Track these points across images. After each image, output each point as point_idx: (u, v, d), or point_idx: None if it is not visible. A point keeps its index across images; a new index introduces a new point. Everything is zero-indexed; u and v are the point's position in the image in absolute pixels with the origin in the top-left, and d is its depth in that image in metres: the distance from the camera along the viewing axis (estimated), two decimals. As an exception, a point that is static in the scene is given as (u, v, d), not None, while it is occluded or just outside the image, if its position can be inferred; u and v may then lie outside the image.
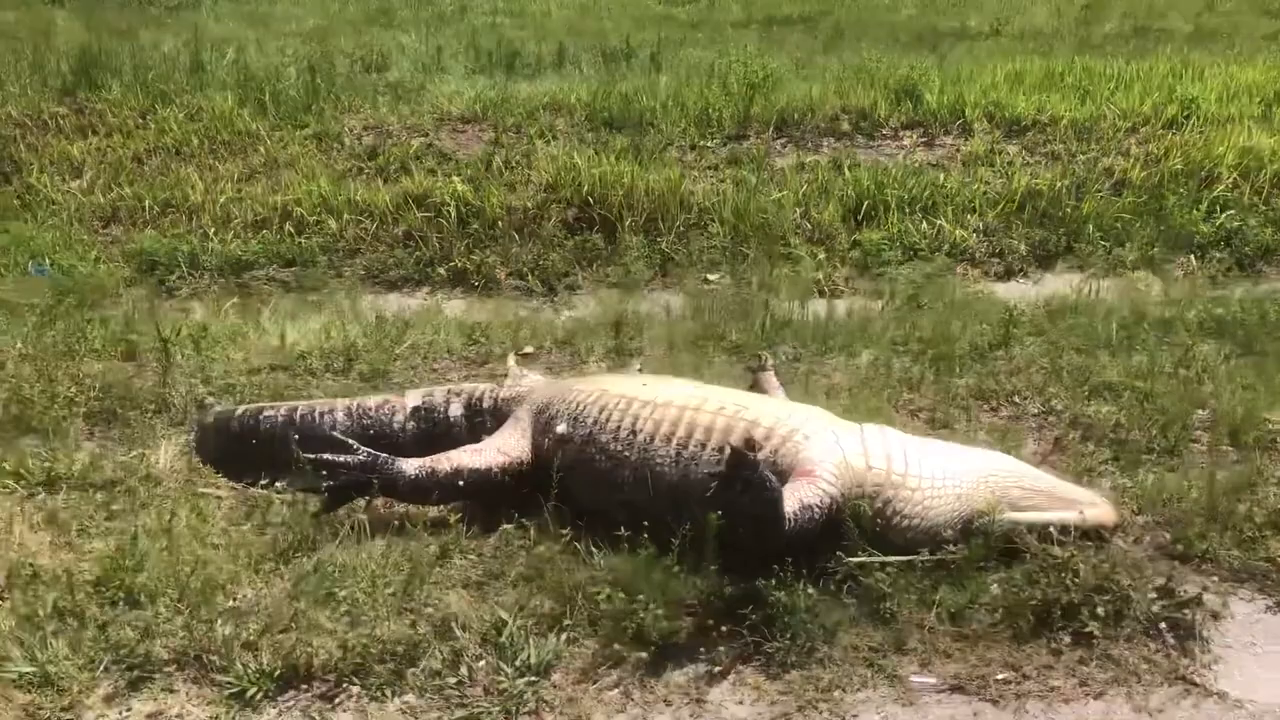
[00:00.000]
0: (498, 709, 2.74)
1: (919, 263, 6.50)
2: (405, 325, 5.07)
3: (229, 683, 2.79)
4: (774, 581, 2.92)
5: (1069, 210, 6.91)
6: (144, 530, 3.26)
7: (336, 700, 2.80)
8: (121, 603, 3.02)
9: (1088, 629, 2.91)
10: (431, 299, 6.29)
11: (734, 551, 2.99)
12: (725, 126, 8.10)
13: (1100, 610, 2.91)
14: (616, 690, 2.84)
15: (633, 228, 6.75)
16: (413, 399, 4.02)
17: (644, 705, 2.80)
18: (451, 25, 13.61)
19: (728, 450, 2.84)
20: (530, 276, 6.45)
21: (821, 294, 6.21)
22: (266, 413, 4.03)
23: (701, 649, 2.95)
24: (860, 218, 6.93)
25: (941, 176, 7.28)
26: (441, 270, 6.51)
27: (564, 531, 3.34)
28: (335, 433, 3.76)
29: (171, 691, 2.79)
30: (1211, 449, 3.74)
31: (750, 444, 2.85)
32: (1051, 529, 3.15)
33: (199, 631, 2.92)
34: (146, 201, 7.25)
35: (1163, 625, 2.91)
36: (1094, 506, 3.26)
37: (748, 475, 2.75)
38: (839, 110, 8.28)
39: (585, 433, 3.51)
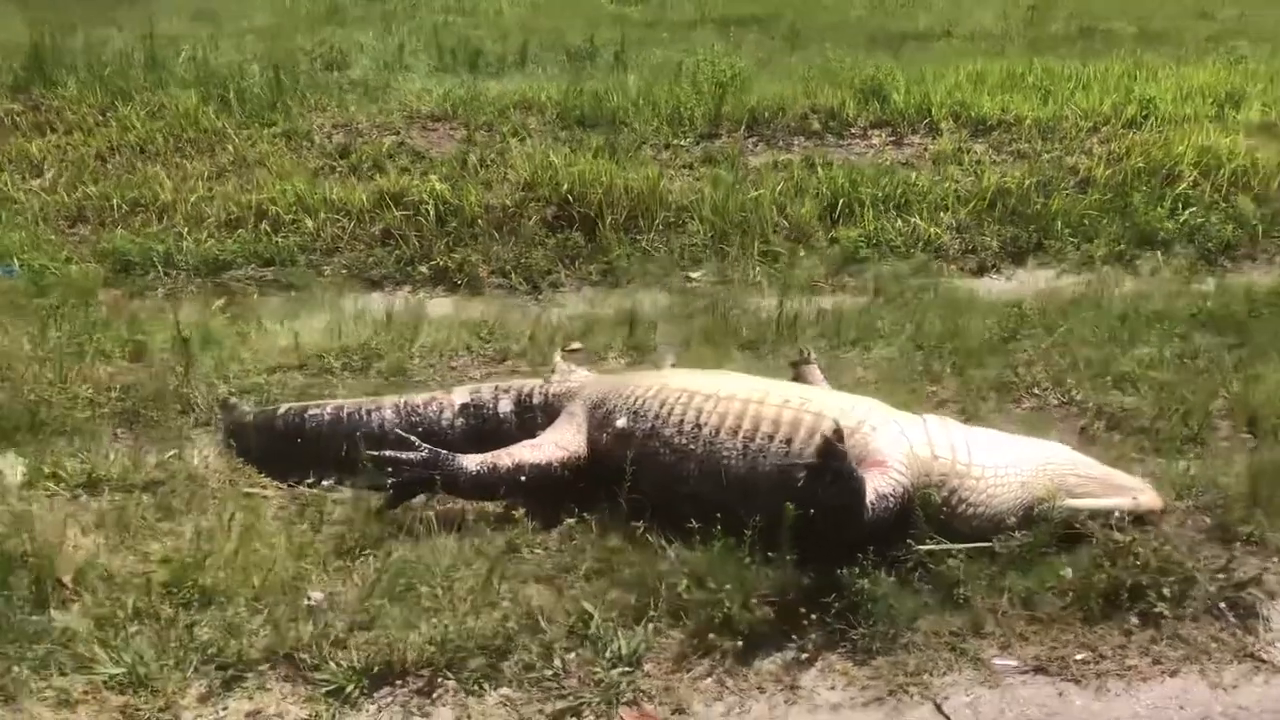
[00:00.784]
0: (597, 699, 2.78)
1: (895, 260, 6.63)
2: (417, 324, 5.03)
3: (324, 680, 2.79)
4: (855, 570, 2.99)
5: (1038, 208, 7.07)
6: (203, 531, 3.22)
7: (433, 695, 2.82)
8: (196, 603, 2.99)
9: (1156, 609, 3.03)
10: (414, 297, 6.25)
11: (809, 542, 3.04)
12: (697, 125, 8.16)
13: (1166, 591, 3.02)
14: (710, 679, 2.89)
15: (613, 226, 6.77)
16: (460, 396, 4.02)
17: (739, 693, 2.86)
18: (404, 23, 13.50)
19: (819, 441, 2.89)
20: (513, 275, 6.44)
21: (803, 291, 6.29)
22: (311, 411, 4.01)
23: (787, 637, 3.02)
24: (836, 216, 7.02)
25: (913, 175, 7.41)
26: (423, 269, 6.47)
27: (636, 524, 3.36)
28: (384, 431, 3.76)
29: (265, 690, 2.78)
30: (1233, 436, 3.89)
31: (840, 435, 2.90)
32: (1107, 514, 3.25)
33: (285, 630, 2.91)
34: (114, 200, 7.10)
35: (1223, 605, 3.03)
36: (1144, 492, 3.39)
37: (837, 466, 2.81)
38: (808, 110, 8.38)
39: (647, 427, 3.54)
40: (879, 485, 3.08)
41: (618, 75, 9.42)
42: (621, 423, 3.59)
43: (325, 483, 3.79)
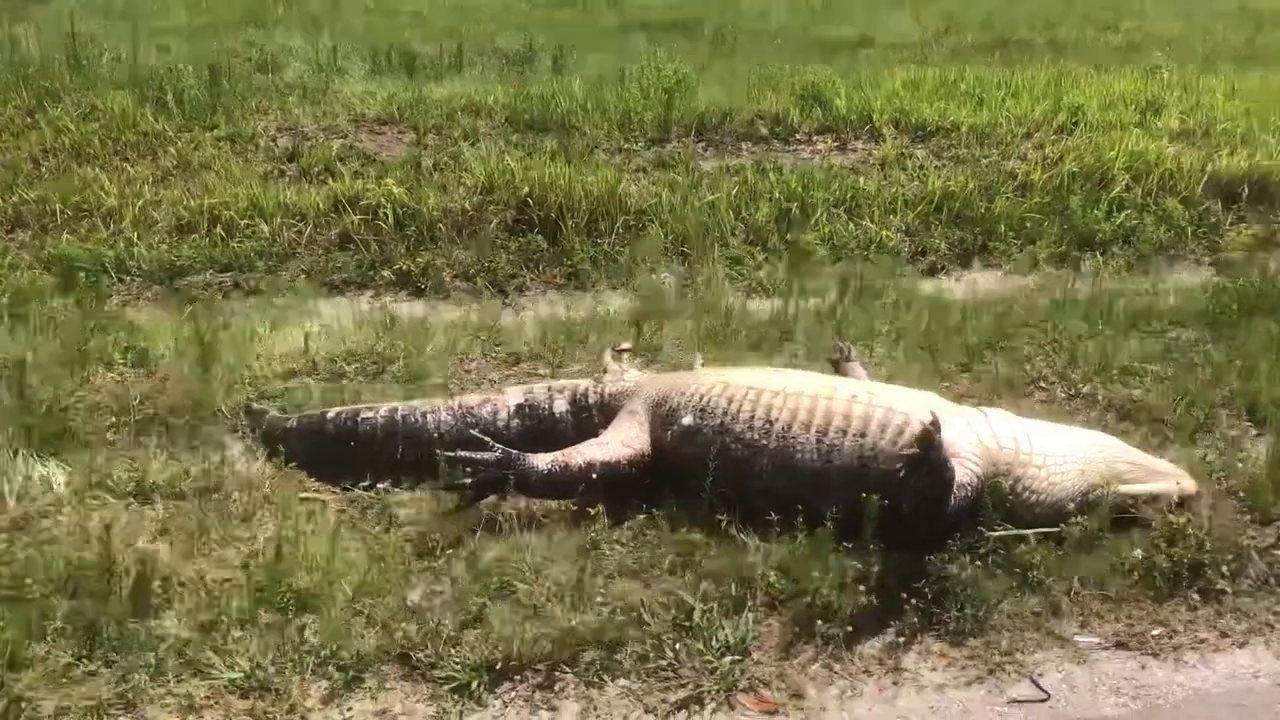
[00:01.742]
0: (715, 687, 2.86)
1: (851, 262, 6.80)
2: (419, 329, 4.99)
3: (442, 678, 2.79)
4: (944, 556, 3.09)
5: (982, 211, 7.32)
6: (275, 535, 3.17)
7: (555, 688, 2.89)
8: (292, 607, 2.95)
9: (1217, 586, 3.23)
10: (378, 302, 6.20)
11: (889, 531, 3.17)
12: (648, 130, 8.24)
13: (1224, 569, 3.23)
14: (816, 664, 3.00)
15: (575, 229, 6.81)
16: (514, 397, 4.04)
17: (848, 676, 2.99)
18: (326, 25, 13.32)
19: (917, 431, 2.99)
20: (478, 278, 6.43)
21: (767, 294, 6.42)
22: (364, 414, 3.99)
23: (883, 622, 3.14)
24: (791, 219, 7.17)
25: (860, 180, 7.60)
26: (385, 273, 6.42)
27: (709, 519, 3.42)
28: (440, 432, 3.78)
29: (387, 689, 2.80)
30: (1236, 424, 4.12)
31: (937, 425, 3.01)
32: (1155, 498, 3.44)
33: (393, 630, 2.91)
34: (55, 205, 6.89)
35: (1272, 580, 3.21)
36: (1182, 478, 3.58)
37: (934, 456, 2.91)
38: (754, 115, 8.53)
39: (716, 423, 3.61)
40: (958, 475, 3.20)
41: (563, 79, 9.44)
42: (687, 420, 3.65)
43: (380, 485, 3.79)
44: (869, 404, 3.52)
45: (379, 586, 3.12)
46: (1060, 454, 3.48)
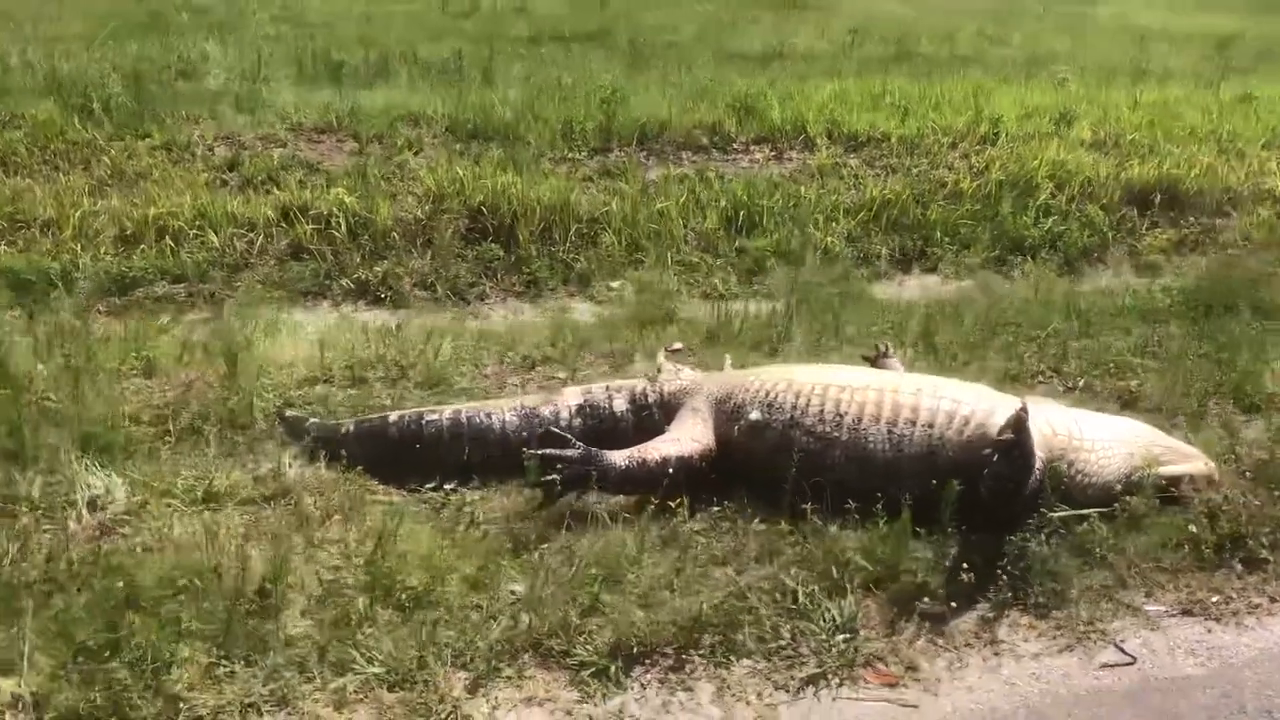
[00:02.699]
0: (836, 663, 2.99)
1: (801, 267, 6.99)
2: (428, 336, 4.97)
3: (580, 663, 2.87)
4: (1023, 536, 3.30)
5: (918, 218, 7.61)
6: (368, 535, 3.17)
7: (686, 669, 2.99)
8: (406, 603, 2.95)
9: (1260, 555, 3.51)
10: (337, 311, 6.15)
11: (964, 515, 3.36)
12: (590, 140, 8.32)
13: (1264, 540, 3.50)
14: (921, 640, 3.16)
15: (530, 238, 6.85)
16: (573, 397, 4.11)
17: (953, 649, 3.17)
18: (233, 33, 13.07)
19: (1011, 419, 3.16)
20: (438, 287, 6.43)
21: (722, 298, 6.56)
22: (429, 417, 4.02)
23: (973, 599, 3.32)
24: (739, 227, 7.34)
25: (801, 188, 7.81)
26: (343, 283, 6.37)
27: (805, 507, 3.55)
28: (505, 433, 3.87)
29: (526, 677, 2.87)
30: (1224, 411, 4.42)
31: (1026, 413, 3.17)
32: (1189, 479, 3.70)
33: (519, 621, 3.02)
34: (-14, 216, 6.65)
35: None
36: (1206, 459, 3.83)
37: (1024, 441, 3.08)
38: (692, 125, 8.69)
39: (785, 418, 3.74)
40: None
41: (498, 89, 9.46)
42: (755, 415, 3.77)
43: (448, 486, 3.83)
44: (935, 397, 3.70)
45: (484, 581, 3.19)
46: (1107, 439, 3.71)
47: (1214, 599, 3.42)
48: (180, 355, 4.25)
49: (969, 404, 3.68)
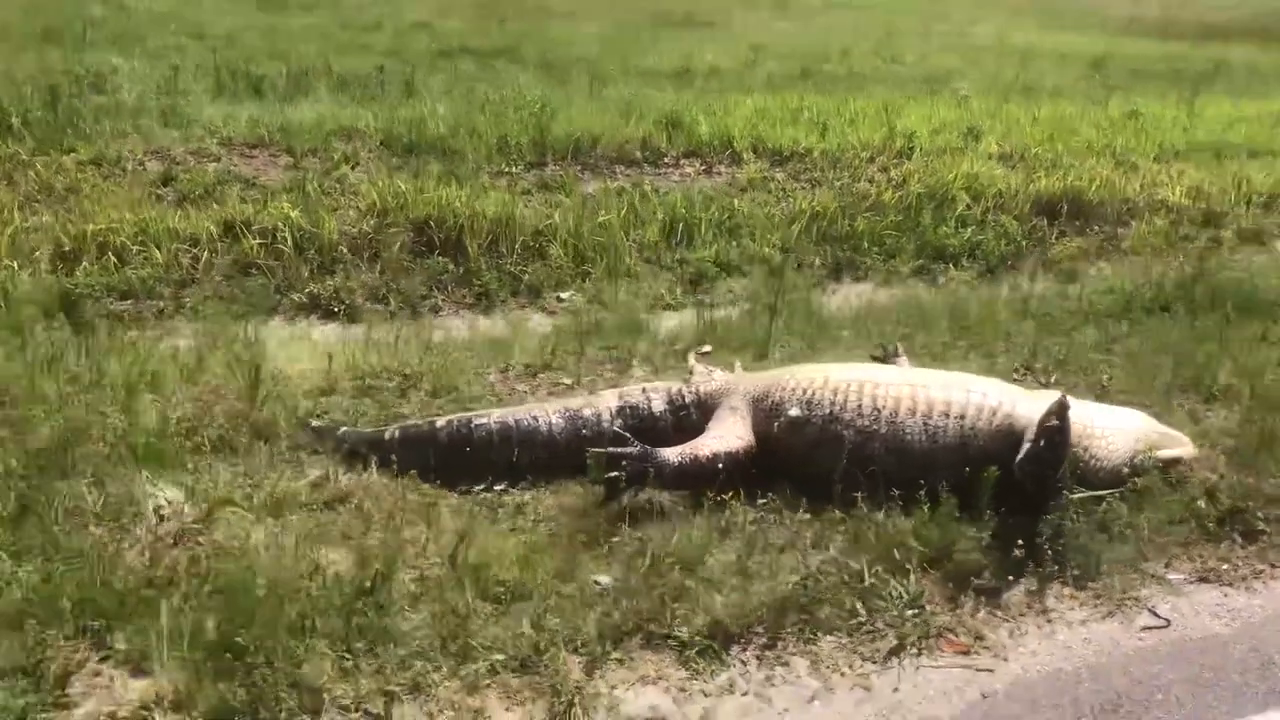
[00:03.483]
0: (913, 635, 3.24)
1: (743, 276, 7.24)
2: (426, 346, 5.01)
3: (682, 644, 3.04)
4: (1058, 515, 3.60)
5: (845, 229, 7.92)
6: (438, 535, 3.24)
7: (778, 646, 3.19)
8: (504, 596, 3.03)
9: (1258, 528, 3.87)
10: (291, 325, 6.13)
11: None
12: (525, 154, 8.43)
13: (1260, 513, 3.87)
14: (982, 612, 3.42)
15: (478, 251, 6.93)
16: (612, 399, 4.26)
17: (1012, 618, 3.45)
18: (133, 45, 12.78)
19: (1054, 406, 3.40)
20: (390, 300, 6.46)
21: (668, 308, 6.75)
22: (478, 421, 4.11)
23: (1019, 574, 3.60)
24: (679, 238, 7.54)
25: (734, 201, 8.06)
26: (294, 297, 6.35)
27: (858, 493, 3.76)
28: (553, 435, 4.00)
29: (636, 659, 3.03)
30: (1194, 400, 4.80)
31: (1068, 402, 3.41)
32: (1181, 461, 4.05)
33: (611, 608, 3.21)
34: (-93, 233, 6.43)
35: None
36: (1190, 444, 4.16)
37: (1065, 427, 3.32)
38: (624, 140, 8.88)
39: (825, 413, 3.94)
40: None
41: (427, 103, 9.49)
42: (795, 412, 3.97)
43: (498, 486, 3.93)
44: (965, 390, 3.97)
45: (568, 573, 3.32)
46: (1114, 427, 4.02)
47: (1224, 567, 3.79)
48: (182, 370, 4.21)
49: (996, 396, 3.96)
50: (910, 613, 3.35)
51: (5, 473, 3.59)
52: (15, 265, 6.24)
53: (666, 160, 8.86)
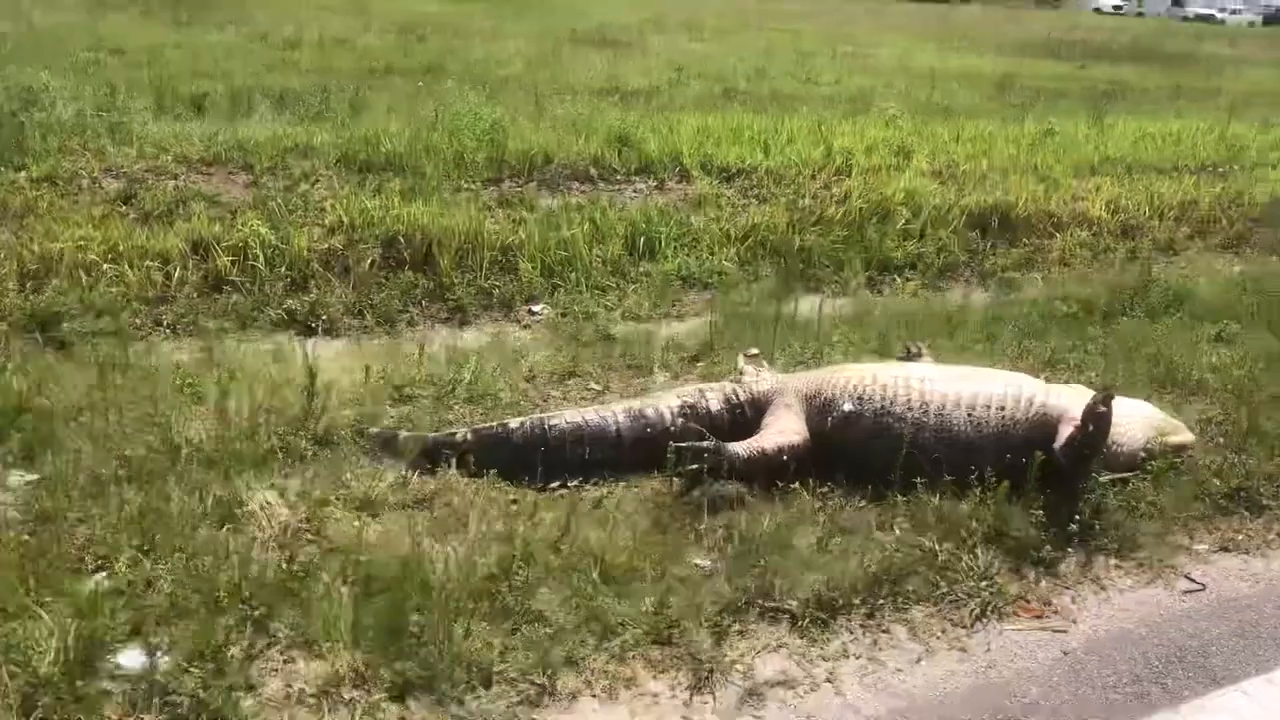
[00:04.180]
0: (994, 602, 3.58)
1: (700, 289, 7.49)
2: (450, 356, 5.12)
3: (793, 616, 3.35)
4: (1099, 494, 3.94)
5: (796, 243, 8.24)
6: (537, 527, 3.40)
7: (878, 615, 3.50)
8: (619, 579, 3.23)
9: (1262, 503, 4.29)
10: (272, 340, 6.15)
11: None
12: (482, 170, 8.56)
13: (1263, 490, 4.28)
14: (1044, 582, 3.77)
15: (450, 266, 7.04)
16: (672, 400, 4.46)
17: (1071, 586, 3.82)
18: (54, 62, 12.52)
19: (1101, 396, 3.69)
20: (366, 314, 6.53)
21: (637, 319, 6.96)
22: (551, 422, 4.27)
23: (1068, 548, 3.97)
24: (640, 252, 7.76)
25: (690, 216, 8.32)
26: (271, 312, 6.38)
27: (917, 479, 4.05)
28: (620, 434, 4.22)
29: (753, 631, 3.32)
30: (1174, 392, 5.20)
31: (1114, 391, 3.70)
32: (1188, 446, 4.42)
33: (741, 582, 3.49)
34: None
35: None
36: (1189, 431, 4.52)
37: (1109, 413, 3.61)
38: (577, 157, 9.07)
39: (876, 407, 4.20)
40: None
41: (376, 121, 9.55)
42: (848, 407, 4.23)
43: (572, 483, 4.11)
44: (1003, 383, 4.30)
45: (669, 556, 3.56)
46: (1130, 415, 4.36)
47: (1239, 537, 4.23)
48: (219, 383, 4.27)
49: (1030, 389, 4.29)
50: (983, 584, 3.68)
51: (114, 479, 3.69)
52: (-21, 284, 6.17)
53: (619, 177, 9.07)
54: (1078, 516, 3.95)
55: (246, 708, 2.86)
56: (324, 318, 6.40)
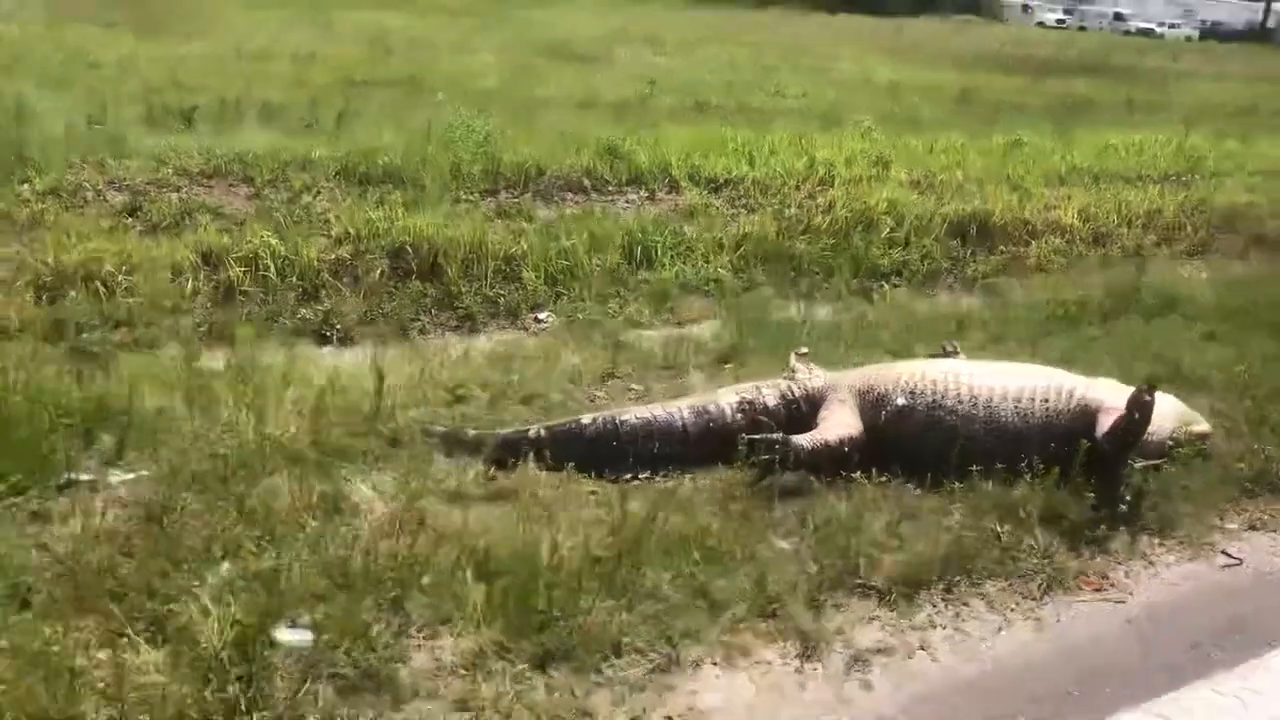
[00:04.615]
0: (1059, 576, 3.94)
1: (699, 296, 7.71)
2: (490, 359, 5.29)
3: (879, 591, 3.66)
4: (1141, 478, 4.22)
5: (786, 251, 8.48)
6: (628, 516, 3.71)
7: (956, 591, 3.82)
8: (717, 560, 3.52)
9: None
10: (287, 349, 6.25)
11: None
12: (479, 182, 8.72)
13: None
14: (1097, 558, 4.10)
15: (458, 275, 7.20)
16: (730, 397, 4.67)
17: (1122, 562, 4.16)
18: (31, 75, 12.50)
19: (1145, 387, 4.00)
20: (380, 323, 6.67)
21: (638, 326, 7.15)
22: (623, 418, 4.50)
23: (1116, 527, 4.28)
24: (638, 261, 7.96)
25: (684, 226, 8.53)
26: (285, 321, 6.50)
27: (971, 468, 4.32)
28: (685, 429, 4.46)
29: (848, 604, 3.63)
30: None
31: (1156, 384, 3.95)
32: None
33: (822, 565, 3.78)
34: (-118, 265, 6.33)
35: None
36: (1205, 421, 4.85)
37: (1152, 404, 3.86)
38: (570, 168, 9.26)
39: (928, 401, 4.45)
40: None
41: (369, 133, 9.67)
42: (901, 401, 4.49)
43: (642, 475, 4.35)
44: (1046, 377, 4.58)
45: (756, 539, 3.82)
46: (1158, 406, 4.58)
47: (1265, 517, 4.58)
48: (283, 385, 4.42)
49: (1069, 381, 4.58)
50: (1045, 561, 3.99)
51: (217, 475, 3.88)
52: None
53: (611, 188, 9.27)
54: (1128, 498, 4.28)
55: (404, 677, 3.10)
56: (338, 326, 6.54)
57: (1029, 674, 3.48)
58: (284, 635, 3.04)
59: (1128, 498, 4.26)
